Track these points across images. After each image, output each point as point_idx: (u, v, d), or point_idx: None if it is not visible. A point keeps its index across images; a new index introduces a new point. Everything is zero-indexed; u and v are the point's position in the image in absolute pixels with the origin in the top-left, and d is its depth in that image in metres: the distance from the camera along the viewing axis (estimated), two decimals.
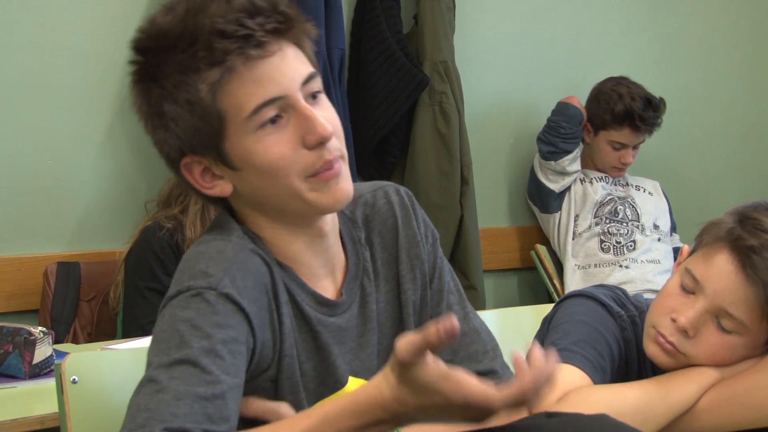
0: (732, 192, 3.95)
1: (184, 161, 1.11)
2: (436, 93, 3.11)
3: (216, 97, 1.05)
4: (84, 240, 2.73)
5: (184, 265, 1.09)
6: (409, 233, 1.24)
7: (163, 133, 1.10)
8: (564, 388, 1.25)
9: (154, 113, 1.10)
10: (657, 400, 1.27)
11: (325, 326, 1.15)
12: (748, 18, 4.05)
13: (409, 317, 1.22)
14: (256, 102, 1.06)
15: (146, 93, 1.10)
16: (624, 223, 3.17)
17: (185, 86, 1.06)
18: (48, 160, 2.68)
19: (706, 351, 1.30)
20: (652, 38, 3.82)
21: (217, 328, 1.02)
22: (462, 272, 3.13)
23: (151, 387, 0.98)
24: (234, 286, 1.05)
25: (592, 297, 1.42)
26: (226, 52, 1.04)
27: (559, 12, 3.60)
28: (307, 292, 1.15)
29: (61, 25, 2.69)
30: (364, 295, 1.20)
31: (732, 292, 1.27)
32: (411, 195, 1.27)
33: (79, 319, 2.63)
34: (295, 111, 1.08)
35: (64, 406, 1.30)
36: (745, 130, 4.06)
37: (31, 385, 1.96)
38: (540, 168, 3.23)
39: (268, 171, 1.08)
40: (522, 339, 1.67)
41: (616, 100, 3.12)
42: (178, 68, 1.06)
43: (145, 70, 1.10)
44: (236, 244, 1.10)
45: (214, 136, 1.07)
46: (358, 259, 1.21)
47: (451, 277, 1.28)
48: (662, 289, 1.37)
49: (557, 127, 3.15)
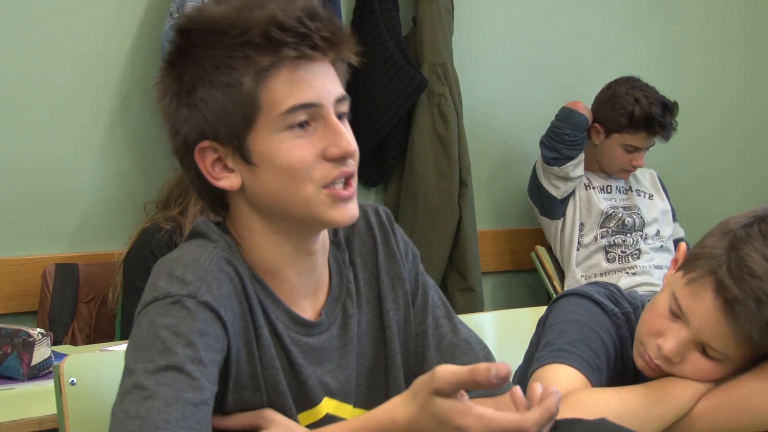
0: (731, 193, 3.96)
1: (201, 145, 1.09)
2: (434, 95, 3.11)
3: (257, 87, 1.06)
4: (83, 241, 2.74)
5: (159, 270, 1.08)
6: (388, 253, 1.24)
7: (186, 113, 1.09)
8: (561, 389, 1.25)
9: (184, 91, 1.08)
10: (653, 404, 1.27)
11: (299, 346, 1.14)
12: (745, 21, 4.06)
13: (393, 337, 1.22)
14: (294, 102, 1.06)
15: (181, 72, 1.09)
16: (630, 233, 3.15)
17: (228, 69, 1.06)
18: (47, 161, 2.68)
19: (693, 374, 1.30)
20: (649, 41, 3.82)
21: (199, 336, 1.02)
22: (460, 274, 3.14)
23: (138, 394, 0.98)
24: (211, 294, 1.05)
25: (586, 295, 1.41)
26: (283, 43, 1.05)
27: (557, 15, 3.60)
28: (282, 310, 1.14)
29: (61, 27, 2.69)
30: (345, 316, 1.19)
31: (714, 330, 1.26)
32: (389, 214, 1.27)
33: (78, 321, 2.63)
34: (324, 122, 1.08)
35: (62, 407, 1.30)
36: (744, 133, 4.07)
37: (29, 387, 1.96)
38: (543, 172, 3.17)
39: (286, 172, 1.07)
40: (520, 341, 1.67)
41: (633, 104, 3.05)
42: (225, 52, 1.06)
43: (185, 50, 1.09)
44: (211, 252, 1.09)
45: (242, 124, 1.07)
46: (341, 281, 1.21)
47: (435, 291, 1.29)
48: (652, 305, 1.35)
49: (561, 134, 3.07)
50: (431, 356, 1.23)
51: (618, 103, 3.08)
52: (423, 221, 3.10)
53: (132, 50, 2.79)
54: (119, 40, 2.78)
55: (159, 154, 2.82)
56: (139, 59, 2.79)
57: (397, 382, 1.21)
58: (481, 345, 1.26)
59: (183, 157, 1.12)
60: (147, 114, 2.81)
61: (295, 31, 1.05)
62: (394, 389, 1.20)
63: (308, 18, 1.06)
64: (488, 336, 1.78)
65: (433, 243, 3.10)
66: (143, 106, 2.80)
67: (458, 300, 3.12)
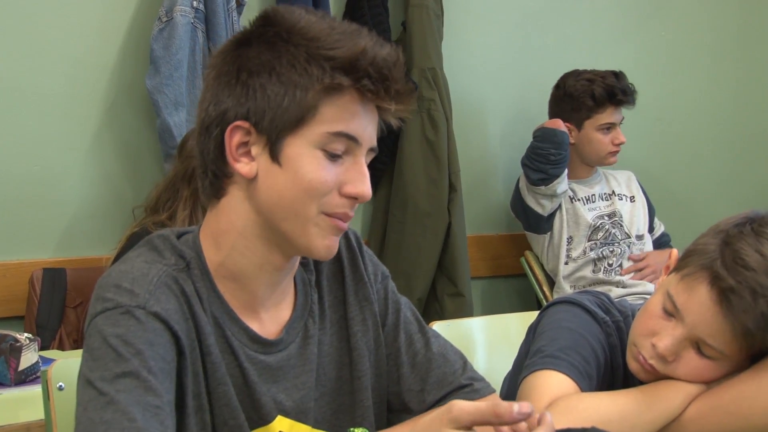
0: (720, 197, 3.97)
1: (238, 123, 1.10)
2: (424, 100, 3.11)
3: (322, 100, 1.08)
4: (70, 246, 2.72)
5: (106, 281, 1.08)
6: (356, 275, 1.25)
7: (240, 91, 1.10)
8: (551, 395, 1.25)
9: (247, 70, 1.09)
10: (644, 408, 1.27)
11: (254, 363, 1.14)
12: (736, 26, 4.08)
13: (360, 359, 1.22)
14: (342, 128, 1.10)
15: (253, 53, 1.10)
16: (615, 243, 3.15)
17: (303, 72, 1.08)
18: (34, 166, 2.67)
19: (687, 373, 1.30)
20: (639, 46, 3.84)
21: (148, 345, 1.03)
22: (450, 279, 3.14)
23: (100, 401, 0.99)
24: (160, 305, 1.06)
25: (577, 303, 1.42)
26: (365, 74, 1.08)
27: (547, 20, 3.61)
28: (239, 327, 1.14)
29: (49, 32, 2.68)
30: (306, 336, 1.19)
31: (710, 325, 1.26)
32: (359, 237, 1.29)
33: (65, 326, 2.62)
34: (354, 160, 1.12)
35: (50, 412, 1.29)
36: (735, 136, 4.08)
37: (16, 392, 1.95)
38: (528, 192, 3.15)
39: (304, 185, 1.09)
40: (509, 346, 1.67)
41: (588, 86, 3.12)
42: (307, 56, 1.08)
43: (265, 36, 1.10)
44: (159, 269, 1.09)
45: (290, 125, 1.09)
46: (306, 300, 1.21)
47: (408, 308, 1.30)
48: (645, 307, 1.36)
49: (546, 155, 3.05)
50: (406, 374, 1.24)
51: (575, 92, 3.14)
52: (412, 226, 3.10)
53: (120, 55, 2.78)
54: (108, 44, 2.77)
55: (147, 158, 2.81)
56: (128, 64, 2.78)
57: (365, 403, 1.21)
58: (457, 355, 1.27)
59: (210, 128, 1.12)
60: (135, 119, 2.80)
61: (379, 71, 1.08)
62: (361, 410, 1.21)
63: (393, 66, 1.09)
64: (478, 341, 1.78)
65: (422, 248, 3.10)
66: (131, 111, 2.79)
67: (447, 305, 3.12)
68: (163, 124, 2.64)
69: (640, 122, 3.83)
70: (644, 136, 3.84)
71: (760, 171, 4.12)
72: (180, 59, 2.64)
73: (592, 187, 3.24)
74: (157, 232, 1.17)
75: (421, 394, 1.23)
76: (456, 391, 1.22)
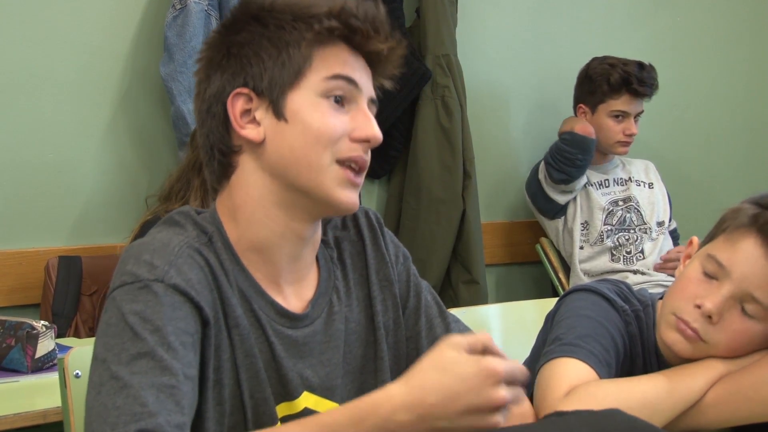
0: (736, 185, 3.95)
1: (238, 90, 1.12)
2: (438, 87, 3.10)
3: (314, 47, 1.12)
4: (85, 234, 2.73)
5: (127, 255, 1.07)
6: (377, 255, 1.25)
7: (234, 64, 1.13)
8: (570, 382, 1.24)
9: (237, 44, 1.13)
10: (664, 394, 1.26)
11: (281, 338, 1.13)
12: (751, 12, 4.04)
13: (381, 338, 1.22)
14: (340, 71, 1.13)
15: (240, 29, 1.14)
16: (632, 230, 3.14)
17: (291, 30, 1.12)
18: (49, 153, 2.67)
19: (728, 337, 1.29)
20: (654, 32, 3.81)
21: (167, 320, 1.02)
22: (464, 266, 3.13)
23: (113, 385, 0.98)
24: (181, 277, 1.05)
25: (596, 291, 1.41)
26: (351, 26, 1.12)
27: (561, 5, 3.59)
28: (266, 300, 1.14)
29: (63, 19, 2.68)
30: (331, 312, 1.19)
31: (759, 277, 1.27)
32: (379, 218, 1.29)
33: (81, 314, 2.63)
34: (357, 106, 1.15)
35: (67, 400, 1.29)
36: (749, 124, 4.06)
37: (33, 380, 1.96)
38: (547, 184, 3.16)
39: (314, 133, 1.11)
40: (526, 333, 1.66)
41: (609, 70, 3.12)
42: (292, 16, 1.12)
43: (249, 14, 1.15)
44: (182, 240, 1.09)
45: (290, 79, 1.12)
46: (329, 276, 1.21)
47: (429, 292, 1.29)
48: (681, 276, 1.36)
49: (573, 159, 3.06)
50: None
51: (594, 75, 3.16)
52: (427, 214, 3.10)
53: (134, 42, 2.78)
54: (122, 31, 2.77)
55: (162, 146, 2.81)
56: (142, 51, 2.78)
57: (386, 384, 1.20)
58: None
59: (210, 108, 1.14)
60: (149, 106, 2.80)
61: (364, 14, 1.13)
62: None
63: (376, 11, 1.14)
64: (494, 328, 1.77)
65: (436, 235, 3.09)
66: (146, 99, 2.79)
67: (462, 293, 3.11)
68: (177, 111, 2.64)
69: (655, 108, 3.80)
70: (659, 122, 3.81)
71: None
72: (194, 46, 2.64)
73: (607, 173, 3.23)
74: (176, 209, 1.17)
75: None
76: None
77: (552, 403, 1.22)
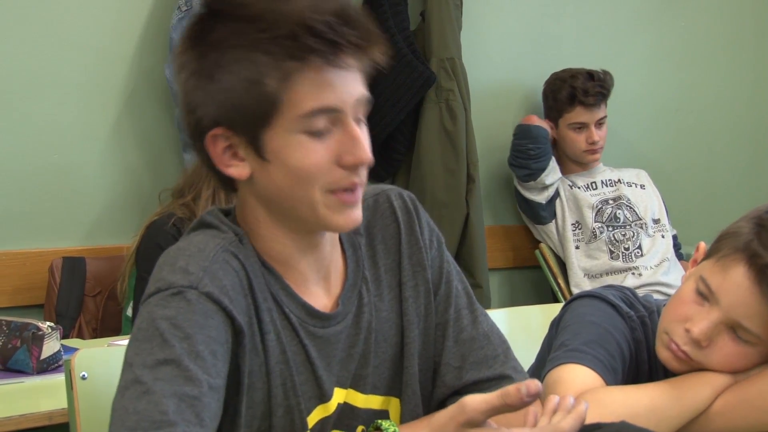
0: (737, 191, 3.94)
1: (213, 132, 1.06)
2: (442, 90, 3.10)
3: (280, 88, 1.02)
4: (90, 235, 2.73)
5: (164, 260, 1.06)
6: (411, 239, 1.21)
7: (203, 98, 1.06)
8: (576, 389, 1.24)
9: (203, 75, 1.05)
10: (671, 402, 1.26)
11: (313, 339, 1.12)
12: (755, 17, 4.04)
13: (411, 326, 1.19)
14: (315, 105, 1.03)
15: (201, 53, 1.05)
16: (627, 226, 3.16)
17: (250, 66, 1.02)
18: (54, 155, 2.68)
19: (720, 360, 1.28)
20: (658, 36, 3.81)
21: (198, 329, 1.00)
22: (467, 270, 3.13)
23: (137, 389, 0.97)
24: (215, 284, 1.03)
25: (601, 297, 1.41)
26: (310, 50, 1.01)
27: (565, 9, 3.59)
28: (297, 303, 1.12)
29: (69, 21, 2.68)
30: (360, 305, 1.16)
31: (747, 307, 1.24)
32: (414, 199, 1.24)
33: (84, 315, 2.63)
34: (343, 127, 1.06)
35: (73, 402, 1.29)
36: (753, 130, 4.05)
37: (38, 381, 1.96)
38: (522, 188, 3.26)
39: (297, 174, 1.05)
40: (531, 338, 1.66)
41: (559, 86, 3.23)
42: (250, 45, 1.02)
43: (207, 29, 1.05)
44: (218, 244, 1.07)
45: (260, 121, 1.04)
46: (357, 267, 1.18)
47: (460, 280, 1.25)
48: (676, 294, 1.35)
49: (525, 150, 3.19)
50: (449, 347, 1.21)
51: (548, 92, 3.29)
52: (430, 217, 3.09)
53: (140, 44, 2.78)
54: (127, 33, 2.77)
55: (167, 147, 2.81)
56: (147, 53, 2.78)
57: (411, 370, 1.19)
58: (500, 339, 1.24)
59: (194, 139, 1.09)
60: (155, 108, 2.80)
61: (324, 38, 1.01)
62: (407, 377, 1.18)
63: (340, 22, 1.02)
64: None
65: None
66: (151, 100, 2.80)
67: None
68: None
69: (658, 114, 3.81)
70: (663, 127, 3.81)
71: None
72: None
73: (594, 176, 3.30)
74: (205, 212, 1.15)
75: (459, 371, 1.20)
76: (495, 380, 1.19)
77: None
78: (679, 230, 3.35)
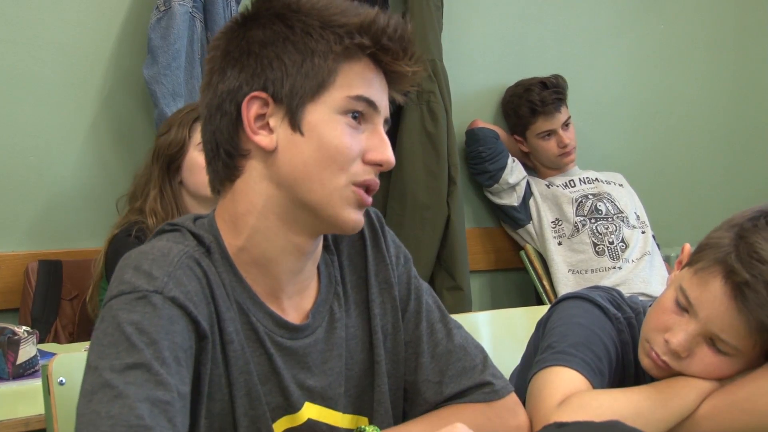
0: (717, 194, 3.96)
1: (255, 93, 1.08)
2: (423, 92, 3.09)
3: (341, 63, 1.08)
4: (66, 238, 2.70)
5: (126, 263, 1.05)
6: (378, 256, 1.22)
7: (254, 63, 1.08)
8: (563, 391, 1.23)
9: (259, 42, 1.09)
10: (658, 405, 1.25)
11: (281, 349, 1.11)
12: (735, 20, 4.06)
13: (379, 342, 1.19)
14: (363, 92, 1.09)
15: (264, 24, 1.09)
16: (609, 218, 3.18)
17: (319, 38, 1.08)
18: (30, 156, 2.64)
19: (701, 370, 1.28)
20: (638, 39, 3.82)
21: (164, 334, 0.99)
22: (448, 272, 3.12)
23: (107, 393, 0.95)
24: (179, 289, 1.02)
25: (588, 299, 1.40)
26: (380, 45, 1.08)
27: (546, 12, 3.59)
28: (264, 312, 1.11)
29: (45, 19, 2.65)
30: (332, 320, 1.16)
31: (724, 320, 1.24)
32: (380, 216, 1.26)
33: (61, 319, 2.59)
34: (373, 128, 1.11)
35: (51, 408, 1.27)
36: (732, 132, 4.08)
37: (14, 386, 1.92)
38: (491, 195, 3.31)
39: (331, 152, 1.08)
40: (515, 341, 1.65)
41: (517, 102, 3.27)
42: (321, 23, 1.08)
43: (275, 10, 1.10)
44: (181, 250, 1.06)
45: (311, 92, 1.08)
46: (330, 282, 1.18)
47: (430, 295, 1.27)
48: (658, 302, 1.34)
49: (477, 155, 3.25)
50: (425, 363, 1.21)
51: (509, 109, 3.34)
52: (411, 219, 3.08)
53: (117, 43, 2.75)
54: (104, 32, 2.74)
55: (144, 149, 2.77)
56: (125, 53, 2.75)
57: (382, 388, 1.19)
58: (477, 349, 1.25)
59: (222, 105, 1.10)
60: (132, 109, 2.77)
61: (395, 31, 1.09)
62: (379, 395, 1.18)
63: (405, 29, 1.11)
64: (483, 336, 1.76)
65: (421, 241, 3.08)
66: (128, 101, 2.77)
67: (446, 299, 3.10)
68: (161, 114, 2.61)
69: (638, 117, 3.82)
70: (641, 130, 3.83)
71: (758, 166, 4.12)
72: (178, 49, 2.61)
73: (572, 175, 3.32)
74: (170, 221, 1.14)
75: (438, 386, 1.20)
76: (476, 388, 1.20)
77: (545, 412, 1.21)
78: (657, 233, 3.36)
